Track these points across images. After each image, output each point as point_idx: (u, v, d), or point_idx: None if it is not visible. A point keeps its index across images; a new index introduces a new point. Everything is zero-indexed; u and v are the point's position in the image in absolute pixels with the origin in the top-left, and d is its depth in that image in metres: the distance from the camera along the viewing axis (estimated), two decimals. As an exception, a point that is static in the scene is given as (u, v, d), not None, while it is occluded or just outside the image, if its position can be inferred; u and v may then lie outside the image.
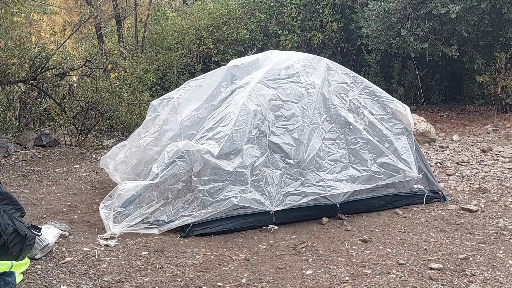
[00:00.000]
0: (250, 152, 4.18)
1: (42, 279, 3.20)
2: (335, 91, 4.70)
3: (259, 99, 4.39)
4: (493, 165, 6.11)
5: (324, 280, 3.29)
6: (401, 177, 4.60)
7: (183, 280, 3.25)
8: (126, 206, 4.13)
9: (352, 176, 4.46)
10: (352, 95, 4.74)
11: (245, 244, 3.91)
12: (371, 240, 4.00)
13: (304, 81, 4.62)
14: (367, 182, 4.50)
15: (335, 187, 4.35)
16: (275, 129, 4.34)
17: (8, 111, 8.15)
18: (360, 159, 4.54)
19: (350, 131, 4.59)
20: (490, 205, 4.83)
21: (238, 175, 4.10)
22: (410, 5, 9.08)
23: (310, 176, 4.31)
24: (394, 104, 4.88)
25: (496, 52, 9.20)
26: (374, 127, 4.69)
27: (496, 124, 8.68)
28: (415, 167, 4.66)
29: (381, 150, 4.61)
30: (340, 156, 4.48)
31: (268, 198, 4.14)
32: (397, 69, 10.37)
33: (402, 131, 4.79)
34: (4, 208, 3.35)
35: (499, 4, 8.67)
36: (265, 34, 11.05)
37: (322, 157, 4.42)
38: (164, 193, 4.16)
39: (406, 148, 4.71)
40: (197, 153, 4.12)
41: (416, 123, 7.48)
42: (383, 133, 4.69)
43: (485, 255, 3.69)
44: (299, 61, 4.77)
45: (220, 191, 4.06)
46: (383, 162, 4.58)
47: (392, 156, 4.62)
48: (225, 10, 11.20)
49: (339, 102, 4.67)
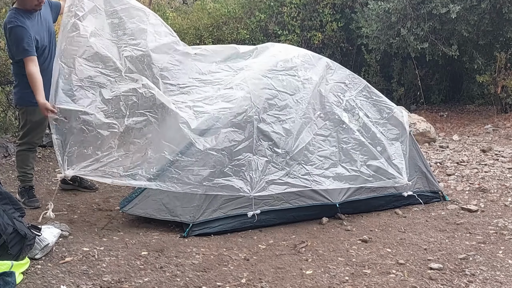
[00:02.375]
0: (229, 137, 4.09)
1: (41, 279, 3.21)
2: (332, 90, 4.66)
3: (251, 87, 4.31)
4: (493, 165, 6.11)
5: (323, 280, 3.29)
6: (391, 182, 4.52)
7: (183, 280, 3.25)
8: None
9: (340, 174, 4.38)
10: (349, 95, 4.71)
11: (244, 244, 3.91)
12: (371, 240, 4.00)
13: (301, 75, 4.57)
14: (355, 182, 4.43)
15: (320, 182, 4.28)
16: (266, 117, 4.26)
17: (8, 111, 8.15)
18: (350, 159, 4.47)
19: (343, 130, 4.54)
20: (490, 205, 4.84)
21: (209, 157, 4.00)
22: (410, 5, 9.07)
23: (296, 168, 4.24)
24: (391, 109, 4.83)
25: (496, 52, 9.19)
26: (368, 129, 4.64)
27: (496, 124, 8.68)
28: (406, 174, 4.58)
29: (373, 153, 4.54)
30: (330, 153, 4.41)
31: (249, 183, 4.04)
32: (397, 69, 10.35)
33: (396, 137, 4.73)
34: (4, 208, 3.35)
35: (499, 4, 8.66)
36: (265, 34, 11.04)
37: (311, 152, 4.35)
38: (126, 145, 4.07)
39: (399, 154, 4.64)
40: (173, 116, 4.02)
41: (416, 123, 7.48)
42: (376, 136, 4.63)
43: (485, 255, 3.69)
44: (299, 56, 4.71)
45: (186, 168, 3.97)
46: (373, 165, 4.50)
47: (383, 160, 4.54)
48: (225, 10, 11.20)
49: (335, 100, 4.63)
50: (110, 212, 4.59)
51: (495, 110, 9.43)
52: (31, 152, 4.76)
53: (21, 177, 4.76)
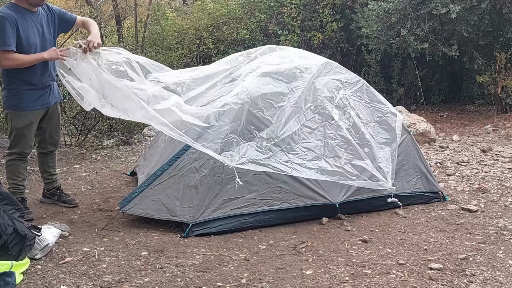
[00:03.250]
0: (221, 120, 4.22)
1: (42, 279, 3.21)
2: (327, 85, 4.65)
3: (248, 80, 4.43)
4: (493, 165, 6.11)
5: (324, 280, 3.29)
6: (374, 184, 4.43)
7: (183, 280, 3.25)
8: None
9: (322, 168, 4.30)
10: (343, 93, 4.68)
11: (245, 244, 3.92)
12: (371, 240, 4.00)
13: (301, 63, 4.64)
14: (337, 178, 4.34)
15: (300, 171, 4.23)
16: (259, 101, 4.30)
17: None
18: (334, 155, 4.40)
19: (331, 126, 4.50)
20: (490, 205, 4.84)
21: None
22: (410, 5, 9.08)
23: (279, 155, 4.21)
24: (384, 113, 4.80)
25: (496, 52, 9.19)
26: (357, 130, 4.59)
27: (496, 124, 8.68)
28: (391, 179, 4.50)
29: (359, 153, 4.47)
30: (314, 146, 4.37)
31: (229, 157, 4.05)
32: (397, 69, 10.36)
33: (387, 141, 4.69)
34: (4, 209, 3.36)
35: (499, 4, 8.67)
36: (265, 34, 11.05)
37: (296, 141, 4.32)
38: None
39: (386, 159, 4.58)
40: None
41: (416, 123, 7.49)
42: (365, 137, 4.58)
43: (485, 255, 3.69)
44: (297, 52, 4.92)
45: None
46: (358, 165, 4.42)
47: (368, 161, 4.47)
48: (225, 10, 11.20)
49: (329, 96, 4.60)
50: (110, 213, 4.59)
51: (495, 110, 9.43)
52: (21, 162, 4.39)
53: (11, 189, 4.36)
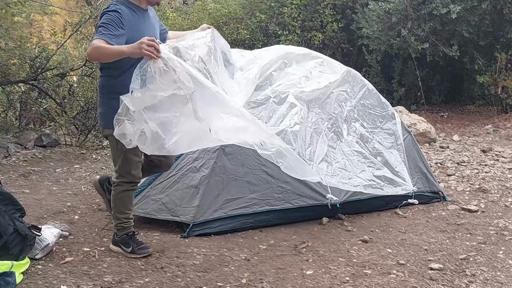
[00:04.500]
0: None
1: (42, 279, 3.20)
2: (337, 99, 4.51)
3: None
4: (494, 166, 6.11)
5: (324, 280, 3.29)
6: (399, 189, 4.45)
7: (184, 280, 3.25)
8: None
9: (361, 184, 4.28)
10: (349, 105, 4.58)
11: (245, 244, 3.91)
12: (372, 240, 4.00)
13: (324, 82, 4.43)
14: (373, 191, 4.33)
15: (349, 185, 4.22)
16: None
17: (9, 111, 8.16)
18: (361, 169, 4.38)
19: (345, 143, 4.44)
20: (490, 205, 4.83)
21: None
22: (410, 5, 9.08)
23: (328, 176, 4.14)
24: (384, 118, 4.76)
25: (497, 53, 9.20)
26: (365, 140, 4.55)
27: (496, 124, 8.69)
28: (410, 181, 4.54)
29: (375, 163, 4.47)
30: (344, 165, 4.33)
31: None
32: (398, 70, 10.37)
33: (392, 145, 4.69)
34: (5, 209, 3.35)
35: (500, 5, 8.68)
36: (266, 34, 11.05)
37: (330, 162, 4.24)
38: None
39: (399, 162, 4.61)
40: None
41: (417, 123, 7.50)
42: (374, 147, 4.57)
43: (485, 255, 3.69)
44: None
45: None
46: (380, 175, 4.43)
47: (385, 169, 4.49)
48: (225, 10, 11.20)
49: (340, 112, 4.50)
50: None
51: (496, 110, 9.43)
52: (133, 190, 3.64)
53: (121, 225, 3.62)
